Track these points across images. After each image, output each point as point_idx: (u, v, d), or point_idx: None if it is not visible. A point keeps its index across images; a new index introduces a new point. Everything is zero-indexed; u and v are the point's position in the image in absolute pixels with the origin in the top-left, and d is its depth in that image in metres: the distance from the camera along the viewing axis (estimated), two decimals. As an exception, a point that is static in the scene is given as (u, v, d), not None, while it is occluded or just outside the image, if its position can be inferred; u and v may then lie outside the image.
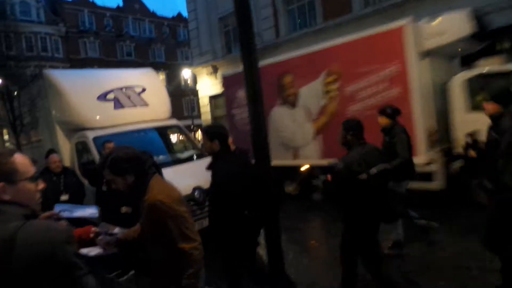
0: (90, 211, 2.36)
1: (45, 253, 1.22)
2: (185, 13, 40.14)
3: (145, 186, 2.11)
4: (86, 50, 34.21)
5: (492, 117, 3.45)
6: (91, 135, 5.90)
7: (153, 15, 40.02)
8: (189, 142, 7.31)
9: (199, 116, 22.87)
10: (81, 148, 6.26)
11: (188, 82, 27.00)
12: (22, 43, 26.97)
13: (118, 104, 6.39)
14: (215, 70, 18.42)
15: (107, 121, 6.18)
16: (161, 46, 39.59)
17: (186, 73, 20.76)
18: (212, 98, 19.31)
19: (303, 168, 7.88)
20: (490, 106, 3.45)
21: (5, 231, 1.22)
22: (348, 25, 12.64)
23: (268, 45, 15.56)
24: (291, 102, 7.85)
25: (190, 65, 21.26)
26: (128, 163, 2.10)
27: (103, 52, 35.14)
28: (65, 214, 2.25)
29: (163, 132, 6.92)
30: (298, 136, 7.73)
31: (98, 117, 6.22)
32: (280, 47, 15.09)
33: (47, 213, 2.23)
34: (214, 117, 19.42)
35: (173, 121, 7.21)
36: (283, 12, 15.41)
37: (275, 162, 6.88)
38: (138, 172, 2.12)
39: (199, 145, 7.25)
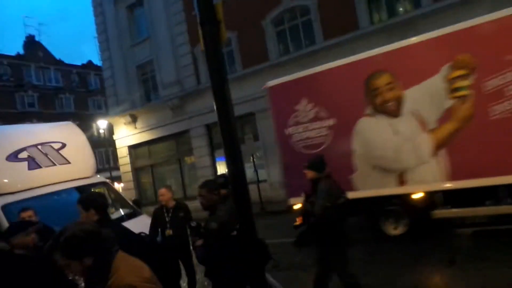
0: None
1: None
2: (96, 61, 38.64)
3: (108, 267, 1.74)
4: (-21, 101, 30.34)
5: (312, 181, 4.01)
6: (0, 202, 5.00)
7: (60, 62, 37.57)
8: (118, 200, 6.66)
9: (116, 167, 21.40)
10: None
11: (102, 132, 25.41)
12: None
13: (33, 164, 5.58)
14: (133, 119, 17.70)
15: (20, 184, 5.33)
16: (70, 95, 36.99)
17: (101, 124, 19.51)
18: (132, 148, 18.35)
19: (416, 196, 6.03)
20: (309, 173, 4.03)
21: None
22: (264, 71, 13.40)
23: (190, 91, 15.59)
24: (390, 109, 6.05)
25: (103, 114, 20.11)
26: (86, 242, 1.74)
27: (0, 103, 31.47)
28: None
29: (88, 191, 6.19)
30: (405, 154, 5.90)
31: (6, 180, 5.34)
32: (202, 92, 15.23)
33: None
34: (134, 168, 18.35)
35: (100, 178, 6.55)
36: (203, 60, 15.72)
37: (365, 192, 6.06)
38: (98, 252, 1.76)
39: (130, 203, 6.65)
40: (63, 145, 6.11)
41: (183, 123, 16.02)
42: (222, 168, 16.01)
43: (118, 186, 18.43)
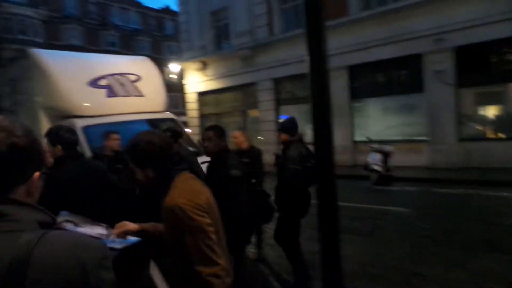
0: (98, 231, 1.83)
1: (72, 280, 0.83)
2: (172, 6, 39.25)
3: (167, 185, 1.68)
4: (68, 37, 32.78)
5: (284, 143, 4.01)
6: (80, 123, 5.34)
7: (138, 5, 38.82)
8: (185, 138, 6.82)
9: (183, 113, 22.24)
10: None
11: (171, 76, 26.24)
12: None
13: (111, 92, 5.85)
14: (204, 66, 17.92)
15: (98, 109, 5.63)
16: (147, 38, 38.51)
17: (173, 68, 20.06)
18: (200, 95, 18.78)
19: None
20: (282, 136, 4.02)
21: (17, 248, 0.81)
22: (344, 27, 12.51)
23: (261, 42, 15.21)
24: None
25: (176, 60, 20.58)
26: (146, 153, 1.68)
27: (86, 40, 33.79)
28: (70, 228, 1.75)
29: (157, 125, 6.41)
30: None
31: (88, 104, 5.66)
32: (274, 44, 14.79)
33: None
34: (201, 115, 18.89)
35: (169, 114, 6.72)
36: (278, 11, 15.07)
37: None
38: (159, 167, 1.69)
39: (196, 142, 6.79)
40: (138, 78, 6.29)
41: (251, 74, 15.87)
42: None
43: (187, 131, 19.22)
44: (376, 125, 13.02)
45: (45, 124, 5.86)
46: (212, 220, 1.64)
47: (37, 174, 0.94)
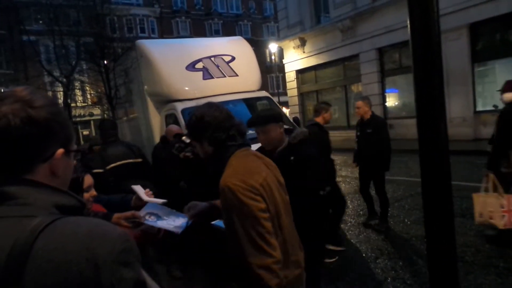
0: (179, 223, 1.68)
1: (79, 279, 0.66)
2: (272, -14, 39.24)
3: (223, 162, 1.54)
4: (178, 30, 35.70)
5: None
6: (179, 106, 5.68)
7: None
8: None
9: (284, 93, 22.28)
10: (171, 122, 6.09)
11: (274, 57, 26.42)
12: (124, 25, 29.05)
13: (206, 74, 6.06)
14: (302, 42, 17.51)
15: (195, 92, 5.89)
16: (248, 22, 39.49)
17: (272, 48, 20.15)
18: (299, 73, 18.51)
19: None
20: None
21: (20, 237, 0.67)
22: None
23: (363, 10, 14.07)
24: None
25: (276, 40, 20.58)
26: (200, 127, 1.56)
27: (193, 31, 36.34)
28: (149, 222, 1.66)
29: (252, 104, 6.45)
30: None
31: (187, 88, 5.97)
32: (378, 10, 13.54)
33: (127, 213, 1.75)
34: (300, 93, 18.66)
35: (263, 93, 6.69)
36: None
37: None
38: (215, 141, 1.55)
39: (291, 120, 6.65)
40: (233, 58, 6.37)
41: (353, 46, 14.89)
42: (391, 100, 14.57)
43: (285, 110, 19.28)
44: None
45: (152, 110, 6.42)
46: (269, 205, 1.43)
47: (60, 151, 0.80)
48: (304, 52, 17.57)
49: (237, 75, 6.29)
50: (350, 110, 15.82)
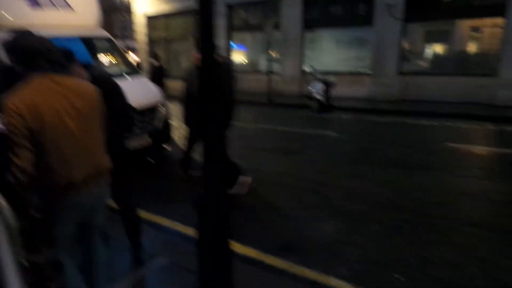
0: None
1: None
2: None
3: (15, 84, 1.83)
4: None
5: None
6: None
7: None
8: (121, 58, 6.65)
9: (132, 37, 20.98)
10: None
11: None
12: None
13: (34, 2, 5.44)
14: (153, -16, 16.63)
15: (19, 21, 5.25)
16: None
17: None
18: (149, 19, 17.67)
19: None
20: None
21: None
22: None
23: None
24: None
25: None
26: (11, 48, 1.82)
27: None
28: None
29: (91, 43, 6.15)
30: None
31: (7, 15, 5.25)
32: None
33: None
34: (150, 40, 17.97)
35: (104, 33, 6.42)
36: None
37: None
38: (22, 64, 1.83)
39: (133, 63, 6.65)
40: (65, -12, 5.84)
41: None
42: (237, 56, 15.60)
43: (133, 56, 18.31)
44: (326, 56, 13.23)
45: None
46: (32, 124, 1.72)
47: None
48: (155, -5, 16.78)
49: (72, 9, 5.84)
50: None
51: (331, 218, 3.90)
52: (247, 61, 15.54)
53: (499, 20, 10.01)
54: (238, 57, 15.67)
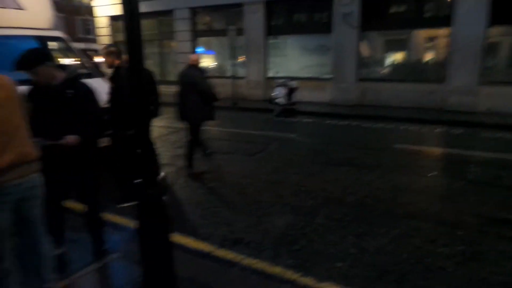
0: None
1: None
2: None
3: None
4: None
5: None
6: None
7: None
8: (77, 58, 6.53)
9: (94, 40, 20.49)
10: None
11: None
12: None
13: (-19, 1, 5.27)
14: (116, -14, 16.40)
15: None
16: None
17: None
18: (113, 20, 17.38)
19: None
20: None
21: None
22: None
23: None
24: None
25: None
26: None
27: None
28: None
29: (43, 43, 6.01)
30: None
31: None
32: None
33: None
34: (114, 42, 17.64)
35: (57, 33, 6.29)
36: None
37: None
38: None
39: (89, 64, 6.55)
40: (17, -13, 5.70)
41: (168, 1, 15.01)
42: (205, 61, 15.64)
43: (97, 60, 17.85)
44: (289, 62, 13.56)
45: None
46: None
47: None
48: (118, -3, 16.54)
49: (23, 9, 5.70)
50: (167, 66, 16.22)
51: (282, 214, 4.06)
52: (214, 66, 15.61)
53: (446, 30, 10.73)
54: (207, 61, 15.71)
